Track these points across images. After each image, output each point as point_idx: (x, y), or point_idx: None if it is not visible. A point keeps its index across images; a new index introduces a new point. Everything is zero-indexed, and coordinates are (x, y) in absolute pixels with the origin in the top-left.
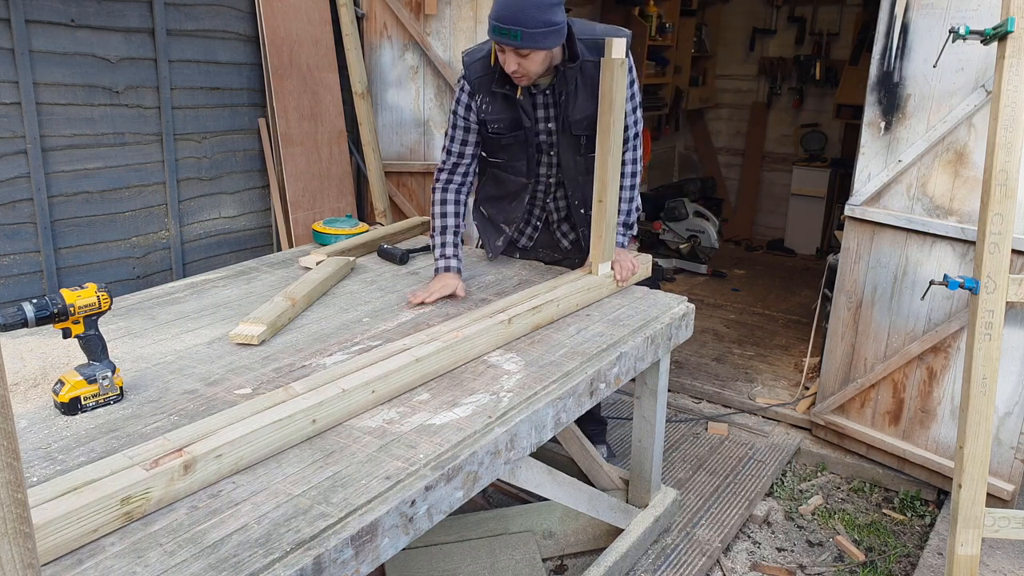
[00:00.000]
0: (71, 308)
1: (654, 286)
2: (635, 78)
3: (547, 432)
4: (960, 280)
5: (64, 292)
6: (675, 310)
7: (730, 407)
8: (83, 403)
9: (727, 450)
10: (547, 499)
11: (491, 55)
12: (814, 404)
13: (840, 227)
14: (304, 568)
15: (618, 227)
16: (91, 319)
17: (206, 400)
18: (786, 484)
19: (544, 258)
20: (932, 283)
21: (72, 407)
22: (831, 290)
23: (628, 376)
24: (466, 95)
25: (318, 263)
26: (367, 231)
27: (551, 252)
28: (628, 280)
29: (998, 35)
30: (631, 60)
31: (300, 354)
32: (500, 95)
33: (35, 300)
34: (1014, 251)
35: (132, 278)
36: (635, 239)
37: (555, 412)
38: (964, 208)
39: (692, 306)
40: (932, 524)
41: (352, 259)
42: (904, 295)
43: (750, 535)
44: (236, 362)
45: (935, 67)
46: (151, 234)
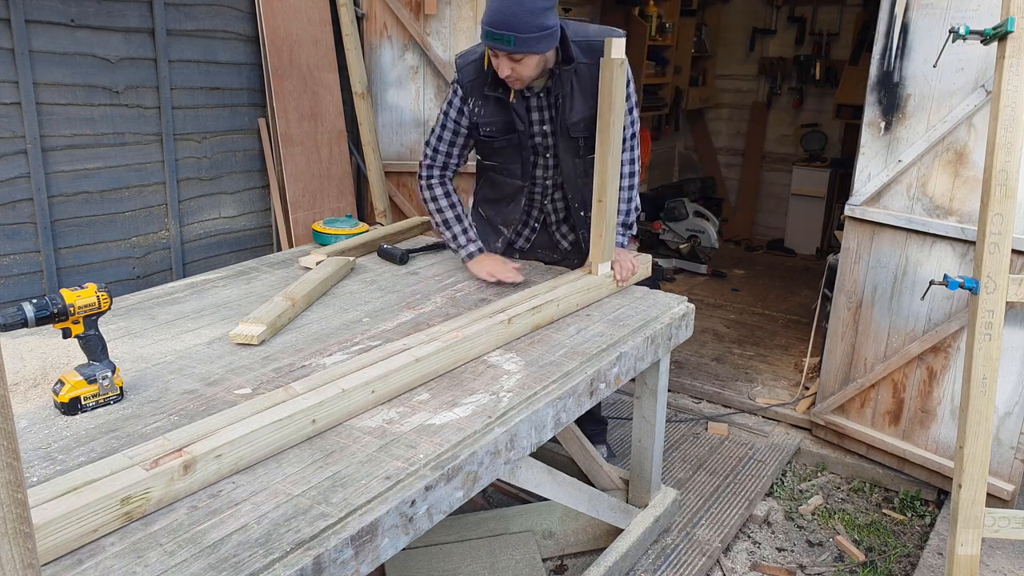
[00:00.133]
0: (71, 308)
1: (654, 286)
2: (630, 78)
3: (547, 432)
4: (960, 280)
5: (64, 292)
6: (675, 310)
7: (730, 407)
8: (83, 403)
9: (727, 450)
10: (547, 499)
11: (484, 58)
12: (814, 404)
13: (840, 227)
14: (304, 568)
15: (618, 227)
16: (91, 319)
17: (206, 400)
18: (786, 484)
19: (543, 259)
20: (932, 283)
21: (72, 407)
22: (831, 290)
23: (628, 376)
24: (458, 99)
25: (318, 263)
26: (367, 231)
27: (550, 253)
28: (628, 280)
29: (998, 35)
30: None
31: (300, 354)
32: (493, 98)
33: (35, 300)
34: (1014, 251)
35: (132, 278)
36: (635, 239)
37: (555, 412)
38: (964, 208)
39: (692, 306)
40: (932, 524)
41: (352, 259)
42: (904, 295)
43: (750, 535)
44: (236, 362)
45: (935, 67)
46: (151, 234)
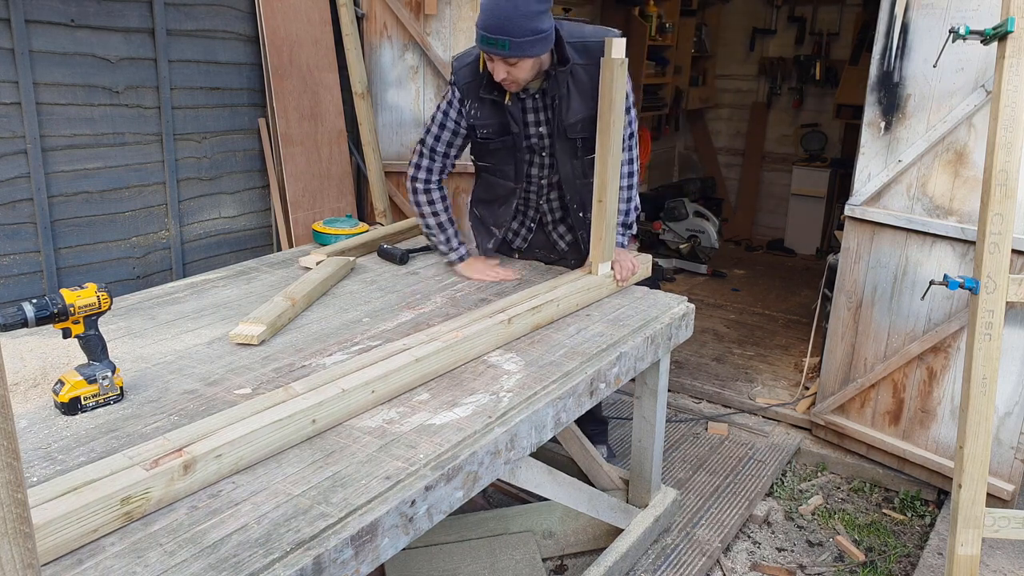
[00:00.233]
0: (71, 308)
1: (654, 286)
2: (628, 78)
3: (547, 432)
4: (960, 280)
5: (64, 292)
6: (675, 310)
7: (730, 407)
8: (83, 403)
9: (727, 450)
10: (547, 499)
11: (479, 61)
12: (814, 404)
13: (840, 227)
14: (304, 568)
15: (617, 227)
16: (91, 319)
17: (206, 400)
18: (786, 484)
19: (542, 259)
20: (932, 283)
21: (72, 407)
22: (831, 290)
23: (628, 376)
24: (457, 100)
25: (318, 263)
26: (367, 231)
27: (548, 253)
28: (628, 280)
29: (998, 35)
30: None
31: (300, 354)
32: (488, 100)
33: (35, 300)
34: (1014, 251)
35: (132, 278)
36: (635, 239)
37: (555, 412)
38: (964, 208)
39: (692, 306)
40: (932, 524)
41: (352, 259)
42: (904, 295)
43: (750, 535)
44: (236, 362)
45: (935, 67)
46: (151, 234)
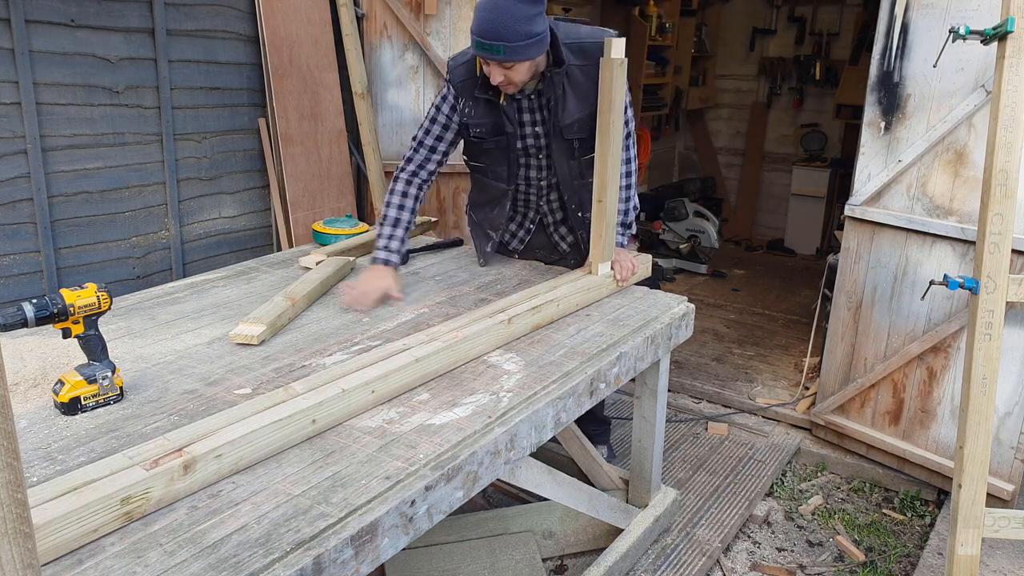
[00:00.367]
0: (71, 308)
1: (654, 286)
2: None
3: (547, 432)
4: (960, 280)
5: (64, 292)
6: (675, 310)
7: (730, 407)
8: (83, 403)
9: (727, 450)
10: (547, 499)
11: (475, 61)
12: (814, 404)
13: (840, 227)
14: (304, 568)
15: (617, 227)
16: (91, 319)
17: (206, 400)
18: (786, 484)
19: (542, 259)
20: (932, 283)
21: (72, 407)
22: (831, 290)
23: (628, 376)
24: (452, 97)
25: (318, 263)
26: (367, 231)
27: (548, 254)
28: (628, 280)
29: (998, 35)
30: None
31: (300, 354)
32: (483, 100)
33: (35, 300)
34: (1014, 251)
35: (132, 278)
36: (635, 239)
37: (555, 412)
38: (964, 208)
39: (692, 306)
40: (932, 524)
41: (352, 259)
42: (904, 295)
43: (750, 535)
44: (236, 362)
45: (935, 67)
46: (151, 234)
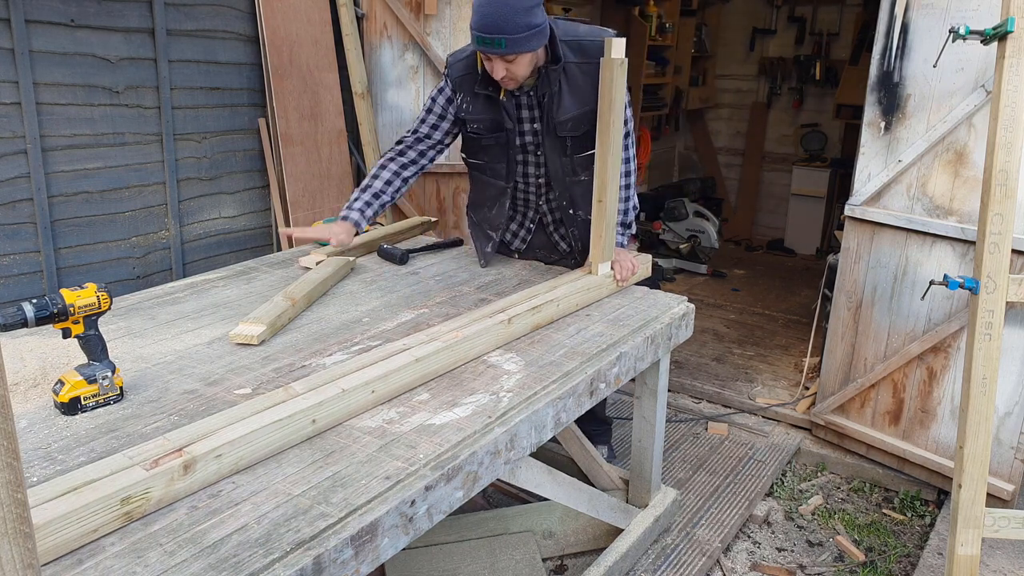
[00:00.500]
0: (71, 308)
1: (654, 286)
2: None
3: (547, 432)
4: (960, 280)
5: (64, 292)
6: (675, 310)
7: (730, 407)
8: (83, 403)
9: (727, 450)
10: (547, 499)
11: (475, 57)
12: (814, 404)
13: (840, 227)
14: (304, 568)
15: (616, 227)
16: (91, 319)
17: (206, 400)
18: (786, 484)
19: (542, 259)
20: (932, 283)
21: (72, 407)
22: (831, 290)
23: (628, 376)
24: (449, 90)
25: (318, 263)
26: (367, 231)
27: (549, 254)
28: (628, 280)
29: (998, 35)
30: None
31: (300, 354)
32: (482, 96)
33: (35, 300)
34: (1014, 251)
35: (132, 278)
36: (635, 239)
37: (555, 412)
38: (964, 208)
39: (692, 306)
40: (932, 524)
41: (352, 259)
42: (904, 295)
43: (750, 535)
44: (236, 362)
45: (935, 67)
46: (151, 234)
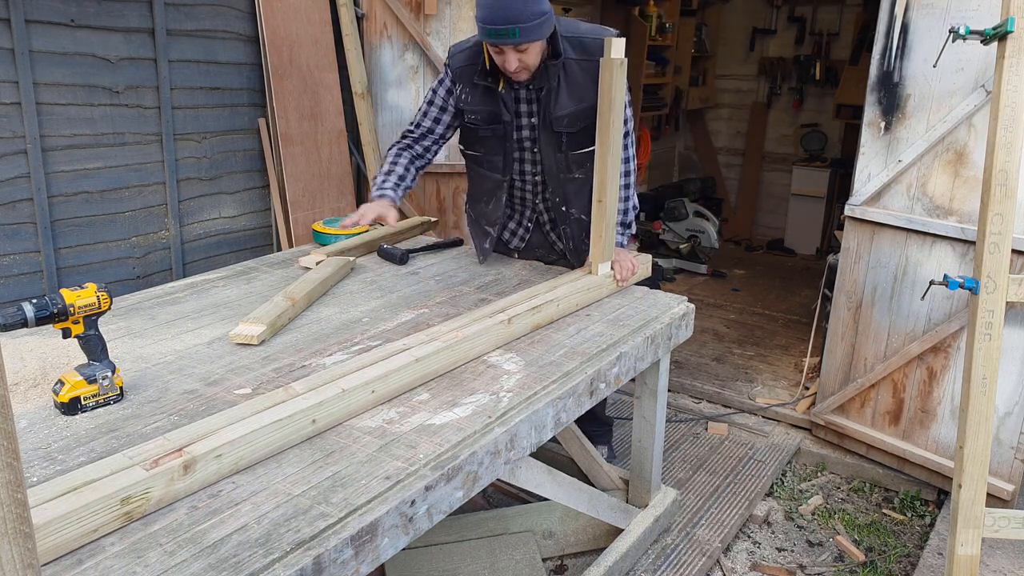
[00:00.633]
0: (71, 308)
1: (654, 286)
2: None
3: (547, 432)
4: (960, 280)
5: (64, 292)
6: (675, 310)
7: (730, 407)
8: (83, 403)
9: (727, 450)
10: (547, 499)
11: (479, 50)
12: (814, 404)
13: (840, 227)
14: (304, 568)
15: (616, 227)
16: (91, 319)
17: (206, 400)
18: (786, 484)
19: (541, 259)
20: (932, 283)
21: (72, 407)
22: (831, 290)
23: (628, 376)
24: (449, 80)
25: (318, 263)
26: (367, 231)
27: (547, 253)
28: (628, 280)
29: (998, 35)
30: None
31: (300, 354)
32: (481, 87)
33: (35, 300)
34: (1014, 251)
35: (132, 278)
36: (635, 239)
37: (555, 412)
38: (964, 208)
39: (692, 306)
40: (932, 524)
41: (352, 259)
42: (904, 295)
43: (750, 535)
44: (236, 362)
45: (935, 67)
46: (151, 234)
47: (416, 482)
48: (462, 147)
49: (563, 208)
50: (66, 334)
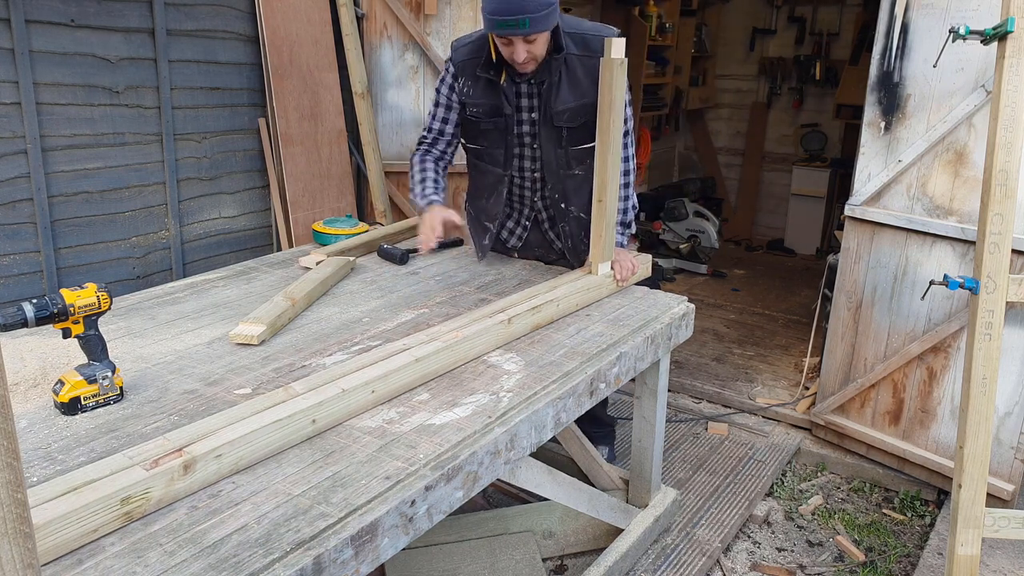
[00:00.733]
0: (71, 308)
1: (654, 286)
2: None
3: (547, 432)
4: (960, 280)
5: (64, 292)
6: (675, 310)
7: (730, 407)
8: (83, 403)
9: (727, 450)
10: (547, 499)
11: (482, 44)
12: (814, 404)
13: (840, 227)
14: (304, 568)
15: (616, 227)
16: (91, 319)
17: (206, 400)
18: (786, 484)
19: (540, 258)
20: (932, 283)
21: (72, 407)
22: (831, 290)
23: (628, 376)
24: (450, 76)
25: (318, 263)
26: (367, 231)
27: (546, 253)
28: (628, 280)
29: (998, 35)
30: None
31: (300, 354)
32: (483, 80)
33: (35, 300)
34: (1014, 251)
35: (132, 278)
36: (635, 238)
37: (555, 412)
38: (964, 208)
39: (692, 306)
40: (932, 524)
41: (352, 259)
42: (904, 295)
43: (750, 535)
44: (236, 362)
45: (935, 67)
46: (151, 234)
47: (416, 482)
48: (463, 140)
49: (562, 205)
50: (66, 334)
